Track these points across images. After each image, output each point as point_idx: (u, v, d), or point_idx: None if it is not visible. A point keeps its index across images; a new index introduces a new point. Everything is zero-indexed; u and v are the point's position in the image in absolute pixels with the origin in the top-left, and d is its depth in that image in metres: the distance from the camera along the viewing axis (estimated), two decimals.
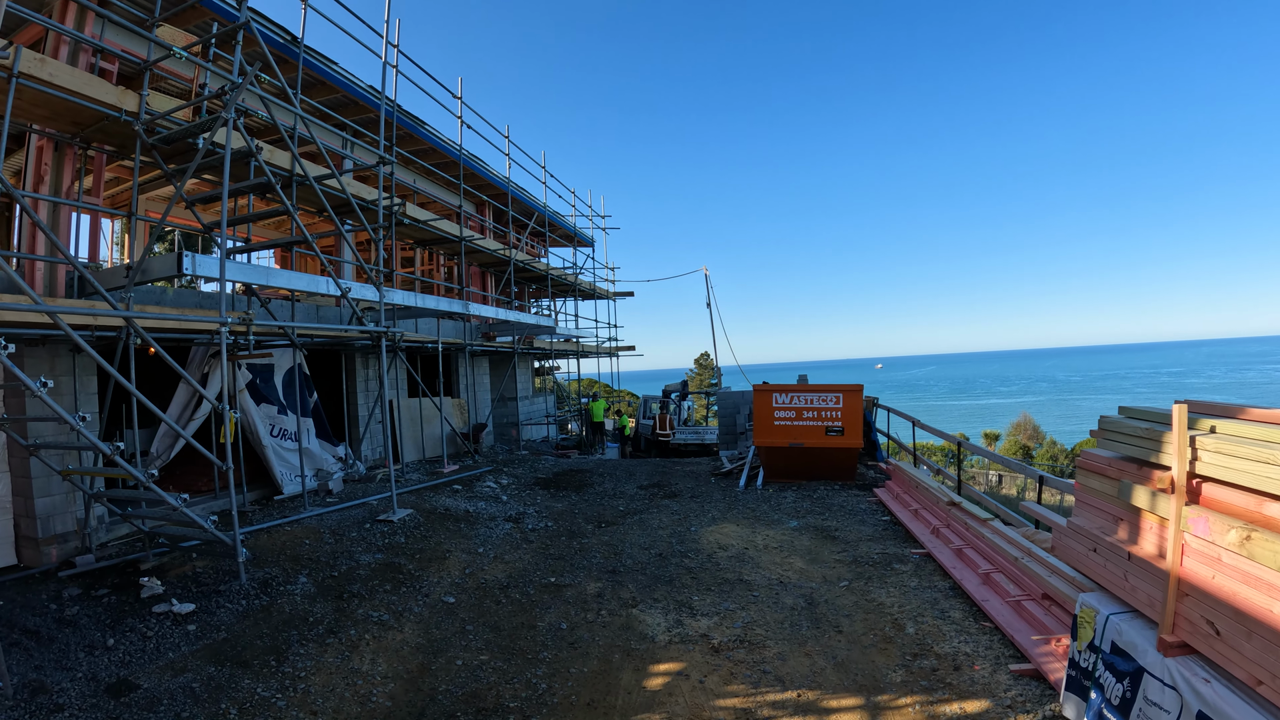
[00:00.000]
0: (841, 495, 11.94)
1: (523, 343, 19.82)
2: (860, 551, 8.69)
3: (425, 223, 14.26)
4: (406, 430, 15.62)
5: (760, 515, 10.54)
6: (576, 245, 26.26)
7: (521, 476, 13.76)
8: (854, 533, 9.62)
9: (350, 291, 9.34)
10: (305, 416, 13.17)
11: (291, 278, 9.54)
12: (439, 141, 16.85)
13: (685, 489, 12.62)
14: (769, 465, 12.90)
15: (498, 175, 19.73)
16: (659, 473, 14.45)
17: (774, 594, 7.15)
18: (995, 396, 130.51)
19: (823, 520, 10.26)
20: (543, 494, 12.22)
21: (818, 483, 12.78)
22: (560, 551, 8.69)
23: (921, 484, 10.95)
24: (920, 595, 7.16)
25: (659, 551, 8.60)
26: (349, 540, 9.11)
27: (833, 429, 12.28)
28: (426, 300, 12.40)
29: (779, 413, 12.30)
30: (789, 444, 12.29)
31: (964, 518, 8.94)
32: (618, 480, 13.53)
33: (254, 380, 12.12)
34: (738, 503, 11.41)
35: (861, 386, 12.42)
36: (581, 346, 26.05)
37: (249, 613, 7.13)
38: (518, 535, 9.42)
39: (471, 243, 16.25)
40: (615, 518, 10.38)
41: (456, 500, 11.27)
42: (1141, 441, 4.61)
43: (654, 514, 10.62)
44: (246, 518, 10.69)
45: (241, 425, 11.67)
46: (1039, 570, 6.82)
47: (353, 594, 7.42)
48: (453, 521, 9.95)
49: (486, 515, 10.40)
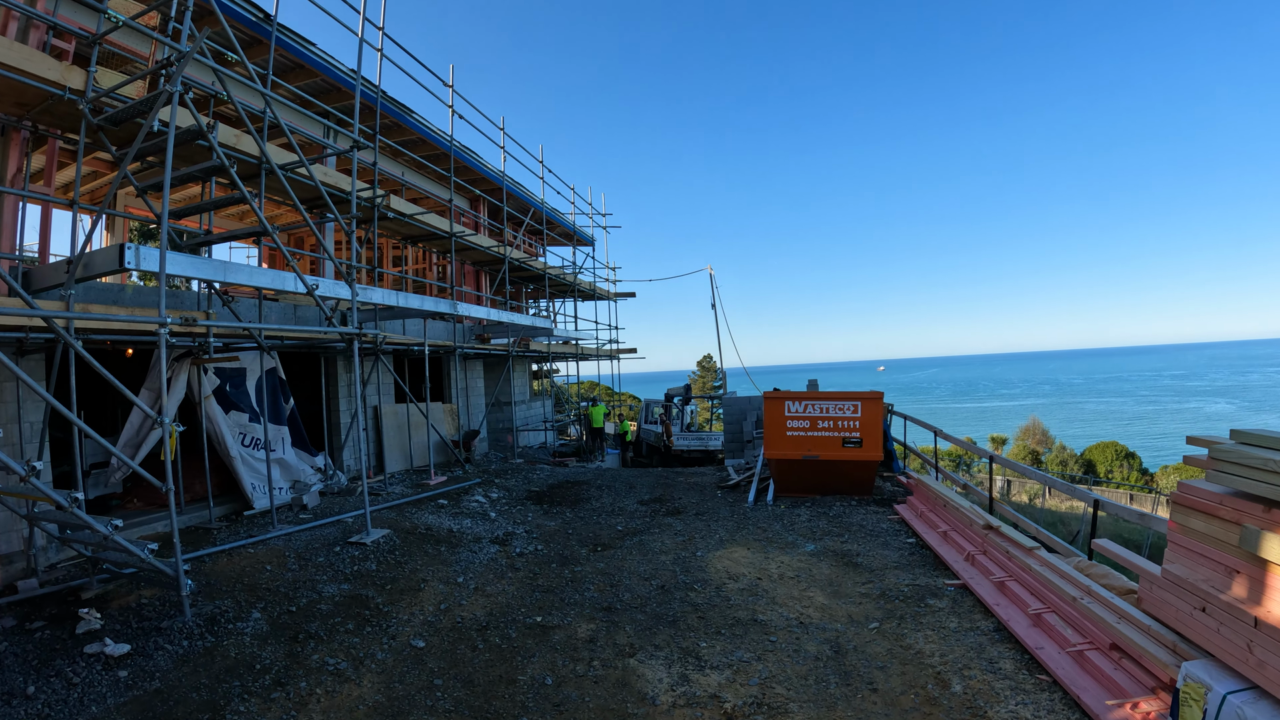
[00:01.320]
0: (860, 513, 10.96)
1: (518, 345, 18.86)
2: (888, 583, 7.71)
3: (411, 217, 13.31)
4: (392, 438, 14.68)
5: (773, 536, 9.57)
6: (576, 244, 25.30)
7: (513, 489, 12.79)
8: (878, 559, 8.65)
9: (319, 288, 8.39)
10: (280, 425, 12.24)
11: (254, 273, 8.60)
12: (428, 132, 15.91)
13: (689, 504, 11.64)
14: (780, 478, 11.93)
15: (492, 169, 18.79)
16: (661, 485, 13.48)
17: (794, 639, 6.18)
18: (998, 399, 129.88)
19: (842, 543, 9.29)
20: (535, 510, 11.25)
21: (832, 498, 11.81)
22: (550, 582, 7.71)
23: (950, 502, 9.97)
24: (963, 640, 6.19)
25: (661, 583, 7.62)
26: (314, 566, 8.15)
27: (850, 440, 11.31)
28: (410, 299, 11.45)
29: (792, 422, 11.32)
30: (802, 456, 11.32)
31: (1004, 544, 7.97)
32: (616, 494, 12.56)
33: (222, 386, 11.19)
34: (747, 521, 10.44)
35: (881, 394, 11.45)
36: (581, 349, 25.10)
37: (189, 657, 6.19)
38: (503, 561, 8.45)
39: (462, 239, 15.29)
40: (613, 539, 9.41)
41: (440, 517, 10.31)
42: (1273, 477, 3.63)
43: (656, 535, 9.64)
44: (210, 536, 9.78)
45: (209, 435, 10.75)
46: (1104, 614, 5.85)
47: (310, 635, 6.46)
48: (433, 543, 8.99)
49: (471, 536, 9.44)
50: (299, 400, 13.75)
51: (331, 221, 9.02)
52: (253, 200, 7.92)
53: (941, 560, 8.73)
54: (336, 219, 8.89)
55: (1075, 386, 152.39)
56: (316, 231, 8.62)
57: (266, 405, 12.13)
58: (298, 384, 13.75)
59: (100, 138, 8.33)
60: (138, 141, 7.21)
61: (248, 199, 7.84)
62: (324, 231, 13.60)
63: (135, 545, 6.90)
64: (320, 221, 9.97)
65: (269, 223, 8.23)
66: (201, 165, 7.94)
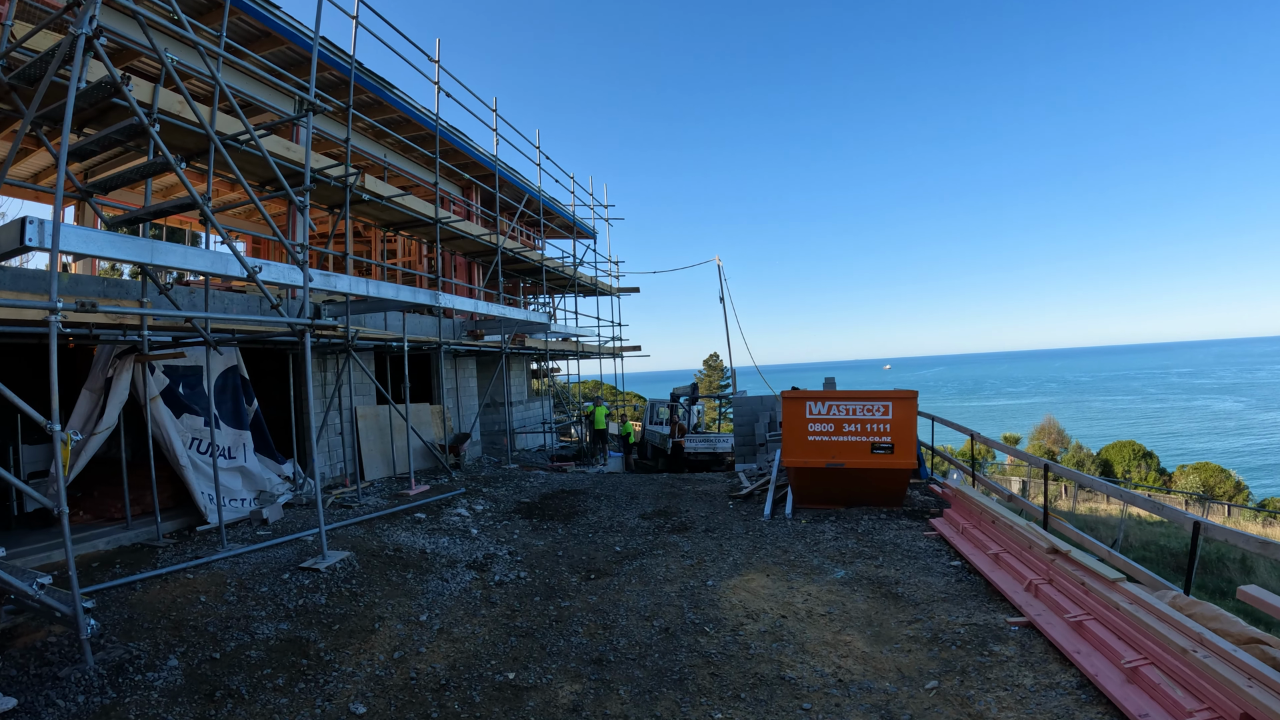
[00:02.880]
0: (891, 528, 9.66)
1: (513, 341, 17.59)
2: (939, 621, 6.41)
3: (389, 199, 12.06)
4: (373, 443, 13.43)
5: (795, 559, 8.27)
6: (576, 236, 24.04)
7: (502, 500, 11.51)
8: (921, 587, 7.34)
9: (261, 272, 7.12)
10: (242, 429, 11.01)
11: (188, 255, 7.34)
12: (412, 110, 14.65)
13: (698, 518, 10.34)
14: (800, 489, 10.62)
15: (484, 153, 17.52)
16: (666, 495, 12.17)
17: (833, 706, 4.87)
18: (1005, 397, 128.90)
19: (877, 568, 7.99)
20: (523, 525, 9.96)
21: (858, 510, 10.50)
22: (530, 621, 6.42)
23: (999, 518, 8.66)
24: (1044, 703, 4.88)
25: (665, 623, 6.31)
26: (255, 599, 6.90)
27: (880, 446, 9.99)
28: (384, 289, 10.19)
29: (814, 425, 10.01)
30: (826, 464, 10.01)
31: (1076, 573, 6.66)
32: (616, 505, 11.27)
33: (173, 386, 9.96)
34: (764, 539, 9.13)
35: (915, 394, 10.13)
36: (583, 346, 23.82)
37: (81, 718, 4.95)
38: (478, 593, 7.15)
39: (448, 225, 14.03)
40: (609, 564, 8.10)
41: (414, 535, 9.04)
42: None
43: (659, 557, 8.34)
44: (153, 556, 8.55)
45: (155, 441, 9.53)
46: (1228, 674, 4.54)
47: (229, 692, 5.20)
48: (399, 569, 7.71)
49: (446, 558, 8.16)
50: (267, 402, 12.52)
51: (305, 207, 7.77)
52: (178, 166, 6.67)
53: (996, 589, 7.42)
54: (287, 193, 7.62)
55: (1082, 384, 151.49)
56: (261, 208, 7.36)
57: (228, 407, 10.92)
58: (266, 384, 12.52)
59: (14, 99, 7.13)
60: (36, 98, 5.98)
61: (172, 164, 6.59)
62: (294, 217, 12.36)
63: (22, 579, 5.65)
64: (267, 197, 8.73)
65: (196, 193, 6.97)
66: (119, 125, 6.69)
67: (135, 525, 9.79)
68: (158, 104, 8.17)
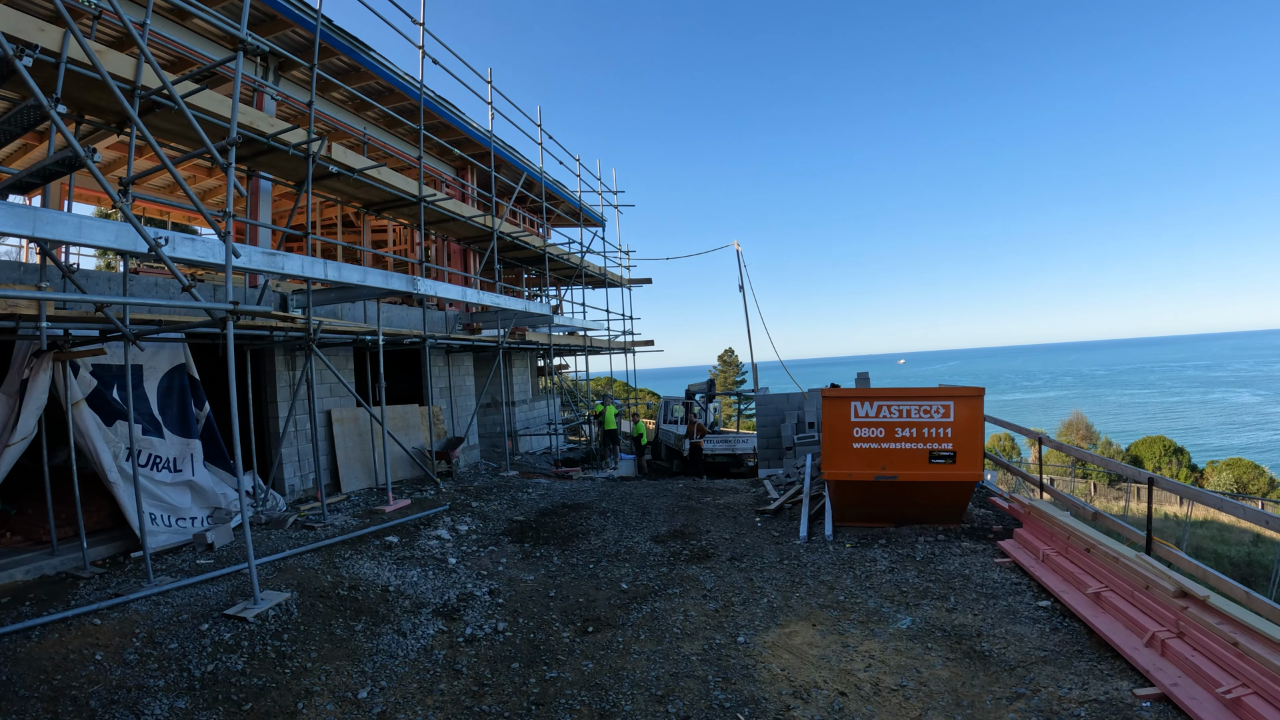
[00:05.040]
0: (954, 553, 8.02)
1: (512, 335, 16.02)
2: (1045, 696, 4.78)
3: (362, 172, 10.50)
4: (350, 450, 11.90)
5: (846, 600, 6.64)
6: (584, 224, 22.40)
7: (492, 517, 9.94)
8: (1011, 642, 5.72)
9: (167, 246, 5.59)
10: (190, 437, 9.50)
11: (83, 226, 5.81)
12: (395, 77, 13.07)
13: (721, 541, 8.72)
14: (841, 504, 8.99)
15: (479, 129, 15.93)
16: (683, 509, 10.55)
17: None
18: (1020, 391, 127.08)
19: (949, 611, 6.36)
20: (512, 551, 8.38)
21: (908, 528, 8.86)
22: (503, 704, 4.81)
23: (1094, 544, 7.00)
24: None
25: (684, 709, 4.66)
26: (159, 660, 5.38)
27: (940, 454, 8.33)
28: (348, 273, 8.64)
29: (861, 430, 8.36)
30: (875, 477, 8.35)
31: (1222, 628, 5.03)
32: (625, 524, 9.67)
33: (102, 389, 8.43)
34: (803, 570, 7.51)
35: (981, 391, 8.47)
36: (591, 341, 22.23)
37: None
38: (442, 654, 5.57)
39: (434, 205, 12.45)
40: (612, 609, 6.48)
41: (379, 565, 7.50)
42: None
43: (676, 598, 6.72)
44: (73, 589, 7.14)
45: (77, 449, 8.04)
46: None
47: None
48: (350, 615, 6.16)
49: (411, 600, 6.60)
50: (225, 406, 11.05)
51: (230, 167, 6.24)
52: (52, 108, 5.13)
53: (1105, 640, 5.79)
54: (211, 154, 6.08)
55: (1098, 378, 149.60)
56: (175, 172, 5.82)
57: (174, 412, 9.43)
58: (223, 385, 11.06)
59: None
60: None
61: (45, 105, 5.06)
62: (257, 195, 10.85)
63: None
64: (184, 159, 7.22)
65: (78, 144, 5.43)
66: None
67: (63, 550, 8.31)
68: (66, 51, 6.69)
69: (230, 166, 6.20)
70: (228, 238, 6.04)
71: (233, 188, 6.13)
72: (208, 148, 6.21)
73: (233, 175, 6.14)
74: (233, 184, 6.13)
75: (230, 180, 6.14)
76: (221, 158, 6.28)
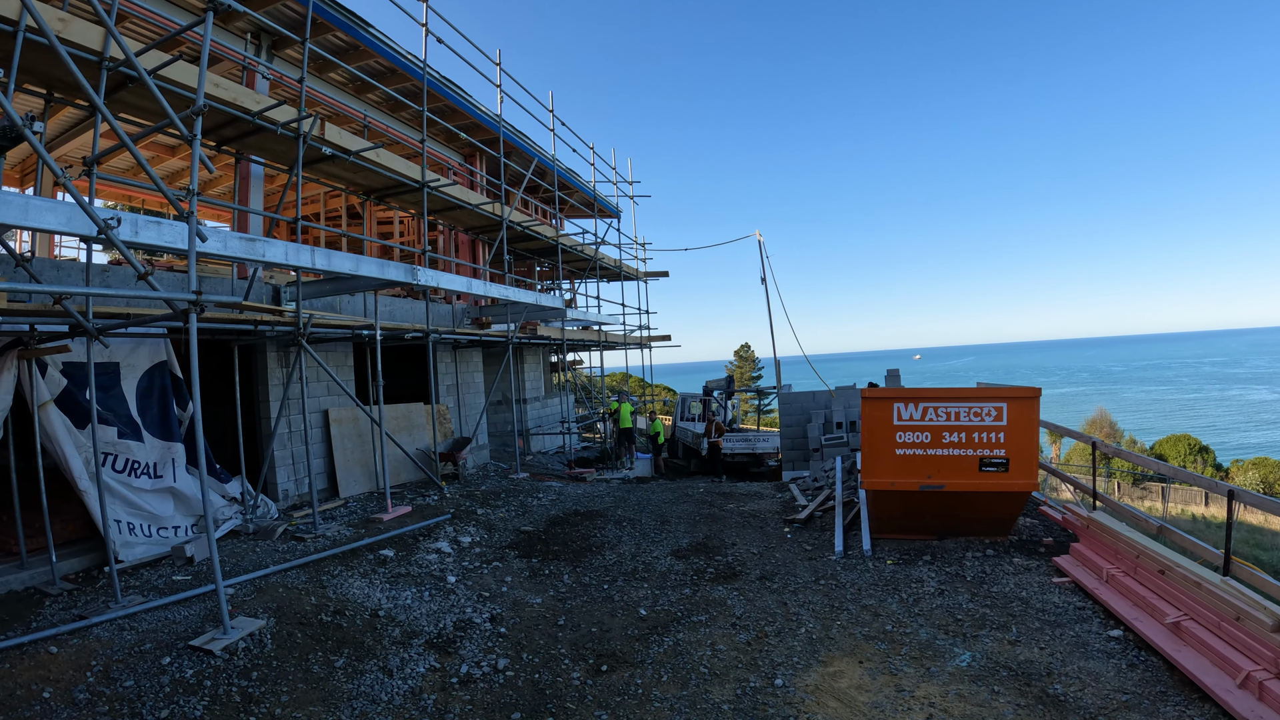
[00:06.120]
0: (1006, 571, 7.19)
1: (523, 330, 15.28)
2: None
3: (357, 154, 9.76)
4: (350, 452, 11.21)
5: (895, 630, 5.83)
6: (598, 214, 21.59)
7: (499, 526, 9.19)
8: (1086, 682, 4.92)
9: (116, 227, 4.86)
10: (172, 440, 8.83)
11: (29, 206, 5.08)
12: (397, 56, 12.31)
13: (749, 556, 7.92)
14: (880, 515, 8.16)
15: (488, 113, 15.16)
16: (705, 517, 9.76)
17: None
18: None
19: (1012, 644, 5.54)
20: (518, 567, 7.62)
21: (952, 541, 8.03)
22: None
23: (1170, 566, 6.17)
24: None
25: None
26: (111, 702, 4.70)
27: (992, 462, 7.48)
28: (339, 262, 7.90)
29: (904, 434, 7.52)
30: (920, 486, 7.51)
31: None
32: (642, 534, 8.89)
33: (71, 388, 7.75)
34: (843, 593, 6.70)
35: (1038, 392, 7.61)
36: (606, 335, 21.45)
37: None
38: (432, 700, 4.81)
39: (438, 191, 11.70)
40: (629, 642, 5.69)
41: (370, 584, 6.77)
42: None
43: (701, 628, 5.93)
44: (37, 609, 6.53)
45: (45, 454, 7.38)
46: None
47: None
48: (330, 649, 5.42)
49: (402, 628, 5.86)
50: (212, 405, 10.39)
51: (196, 139, 5.52)
52: None
53: (1191, 680, 4.99)
54: (175, 124, 5.35)
55: (1115, 374, 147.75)
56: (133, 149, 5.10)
57: (154, 413, 8.75)
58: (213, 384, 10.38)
59: None
60: None
61: None
62: (248, 176, 10.15)
63: None
64: (144, 134, 6.51)
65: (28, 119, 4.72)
66: None
67: (34, 563, 7.65)
68: None
69: (195, 138, 5.46)
70: (191, 218, 5.31)
71: (198, 161, 5.39)
72: (171, 119, 5.49)
73: (198, 147, 5.41)
74: (198, 156, 5.39)
75: (195, 152, 5.41)
76: (186, 129, 5.55)
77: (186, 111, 5.60)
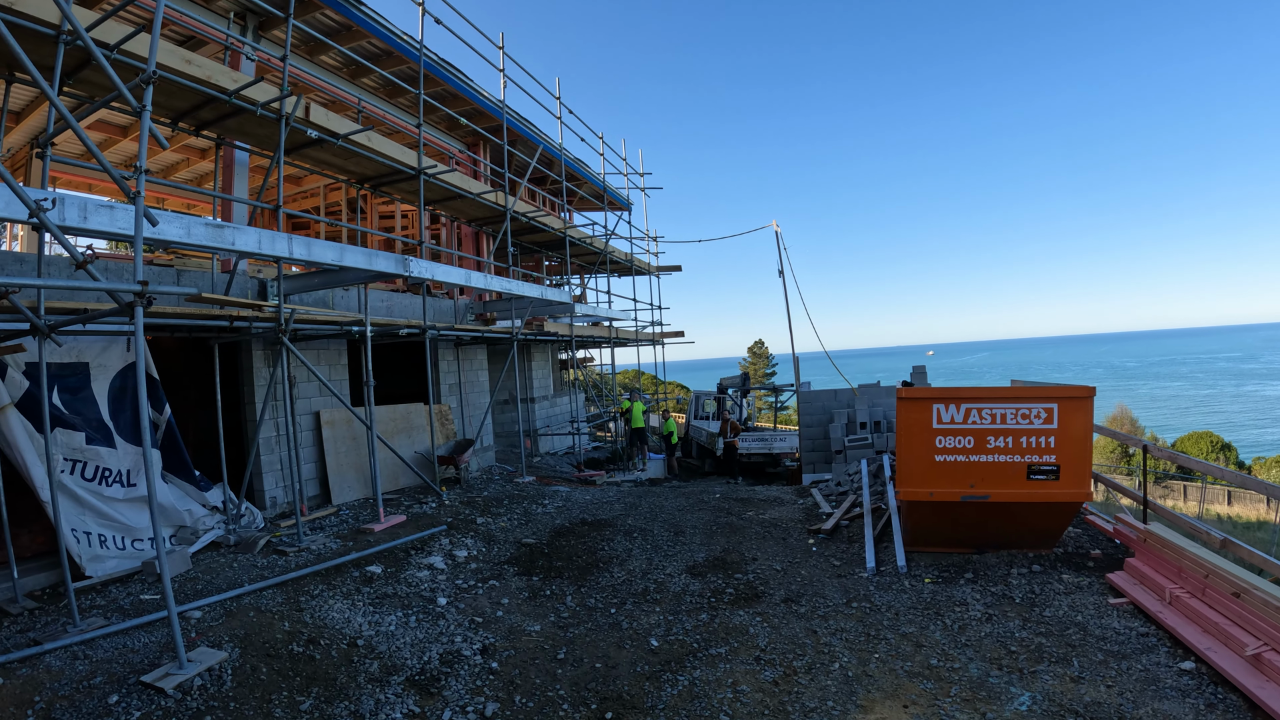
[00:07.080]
0: (1057, 590, 6.45)
1: (529, 326, 14.61)
2: None
3: (346, 138, 9.11)
4: (344, 456, 10.59)
5: (941, 665, 5.11)
6: (608, 207, 20.90)
7: (499, 538, 8.52)
8: None
9: (51, 210, 4.22)
10: (149, 446, 8.20)
11: None
12: (392, 37, 11.64)
13: (772, 574, 7.19)
14: (915, 526, 7.43)
15: (491, 99, 14.48)
16: (722, 526, 9.06)
17: None
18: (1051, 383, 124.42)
19: (1074, 682, 4.81)
20: (517, 586, 6.94)
21: (993, 554, 7.28)
22: None
23: (1246, 589, 5.42)
24: None
25: None
26: None
27: (1041, 469, 6.73)
28: (320, 251, 7.25)
29: (944, 439, 6.78)
30: (962, 497, 6.78)
31: None
32: (653, 547, 8.19)
33: (33, 390, 7.14)
34: (879, 618, 5.98)
35: (1092, 391, 6.85)
36: (617, 331, 20.77)
37: None
38: None
39: (435, 179, 11.03)
40: (638, 682, 4.98)
41: (352, 608, 6.12)
42: None
43: (721, 665, 5.22)
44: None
45: (5, 461, 6.80)
46: None
47: None
48: (297, 687, 4.77)
49: (381, 664, 5.19)
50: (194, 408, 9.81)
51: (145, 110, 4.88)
52: None
53: (1274, 717, 4.26)
54: (123, 95, 4.70)
55: (1129, 370, 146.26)
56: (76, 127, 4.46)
57: (127, 417, 8.14)
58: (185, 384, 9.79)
59: None
60: None
61: None
62: (231, 162, 9.53)
63: None
64: (89, 111, 5.89)
65: None
66: None
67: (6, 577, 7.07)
68: None
69: (145, 110, 4.81)
70: (138, 199, 4.65)
71: (146, 135, 4.73)
72: (119, 91, 4.83)
73: (146, 119, 4.76)
74: (146, 128, 4.74)
75: (144, 124, 4.76)
76: (135, 100, 4.89)
77: (135, 80, 4.94)
